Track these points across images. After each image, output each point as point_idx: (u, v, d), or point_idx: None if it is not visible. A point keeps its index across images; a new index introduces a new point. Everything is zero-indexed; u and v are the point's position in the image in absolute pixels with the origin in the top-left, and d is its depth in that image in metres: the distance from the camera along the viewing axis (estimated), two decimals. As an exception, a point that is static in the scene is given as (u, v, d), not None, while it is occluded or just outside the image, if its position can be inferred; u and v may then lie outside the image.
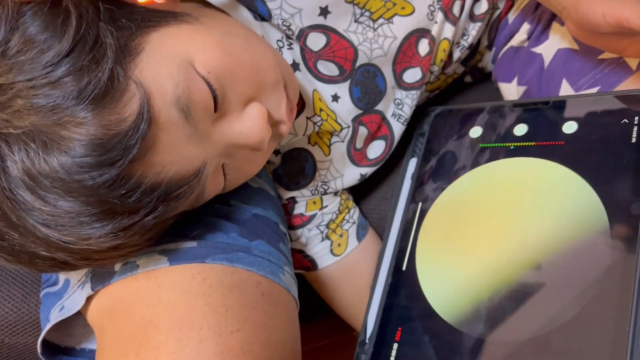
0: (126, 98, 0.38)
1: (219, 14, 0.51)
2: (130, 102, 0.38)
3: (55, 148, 0.37)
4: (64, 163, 0.37)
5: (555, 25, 0.63)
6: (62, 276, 0.52)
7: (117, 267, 0.47)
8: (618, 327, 0.41)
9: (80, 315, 0.49)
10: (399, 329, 0.51)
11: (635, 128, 0.48)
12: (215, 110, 0.44)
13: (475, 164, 0.55)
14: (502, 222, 0.50)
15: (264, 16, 0.54)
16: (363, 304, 0.58)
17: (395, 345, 0.51)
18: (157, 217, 0.41)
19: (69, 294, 0.50)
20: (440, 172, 0.57)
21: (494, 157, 0.54)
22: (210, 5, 0.53)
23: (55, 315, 0.49)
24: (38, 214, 0.38)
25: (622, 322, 0.41)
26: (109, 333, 0.46)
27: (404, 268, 0.54)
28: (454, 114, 0.61)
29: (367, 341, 0.54)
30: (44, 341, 0.50)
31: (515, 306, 0.46)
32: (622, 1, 0.46)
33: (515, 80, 0.67)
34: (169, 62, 0.41)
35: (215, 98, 0.43)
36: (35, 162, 0.37)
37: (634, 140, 0.47)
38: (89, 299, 0.48)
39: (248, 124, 0.45)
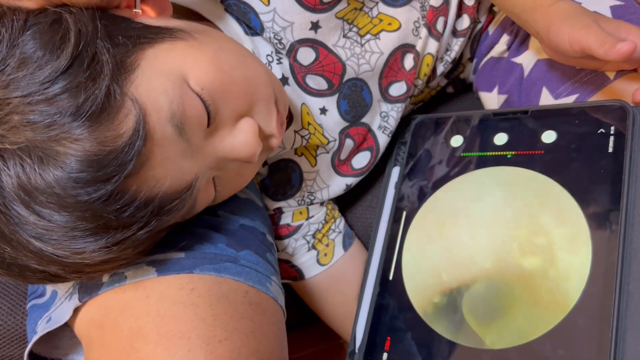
0: (122, 115, 0.39)
1: (211, 29, 0.51)
2: (126, 118, 0.39)
3: (51, 163, 0.37)
4: (59, 178, 0.37)
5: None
6: (49, 288, 0.52)
7: (105, 278, 0.47)
8: (601, 333, 0.42)
9: (67, 327, 0.49)
10: (388, 338, 0.52)
11: (612, 138, 0.49)
12: (208, 125, 0.44)
13: (457, 173, 0.56)
14: (485, 230, 0.51)
15: (256, 29, 0.54)
16: (350, 313, 0.59)
17: (385, 355, 0.51)
18: (149, 231, 0.42)
19: (56, 305, 0.49)
20: (422, 181, 0.58)
21: (475, 166, 0.55)
22: (202, 20, 0.54)
23: (42, 327, 0.49)
24: (32, 228, 0.38)
25: (605, 329, 0.42)
26: (96, 344, 0.46)
27: (390, 277, 0.55)
28: (434, 123, 0.61)
29: (356, 351, 0.54)
30: (31, 353, 0.50)
31: (502, 314, 0.47)
32: (587, 29, 0.48)
33: (495, 89, 0.68)
34: (163, 79, 0.41)
35: (208, 113, 0.44)
36: (31, 177, 0.37)
37: (610, 150, 0.48)
38: (76, 311, 0.48)
39: (240, 139, 0.46)
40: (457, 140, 0.58)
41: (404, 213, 0.58)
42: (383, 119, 0.64)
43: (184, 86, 0.42)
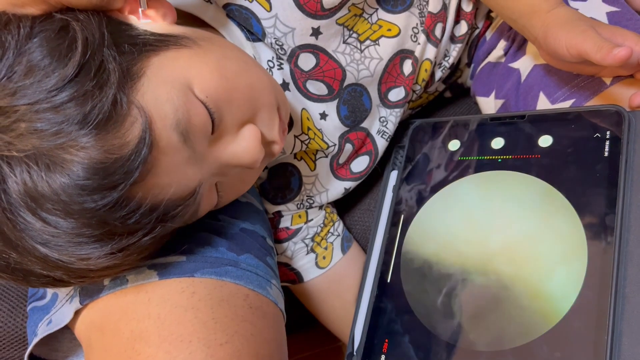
0: (128, 123, 0.39)
1: (215, 36, 0.52)
2: (132, 126, 0.39)
3: (58, 171, 0.37)
4: (65, 186, 0.37)
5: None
6: (50, 290, 0.52)
7: (106, 281, 0.47)
8: (597, 336, 0.42)
9: (67, 329, 0.49)
10: (386, 340, 0.52)
11: (608, 142, 0.49)
12: (212, 132, 0.44)
13: (454, 177, 0.56)
14: (482, 233, 0.52)
15: (257, 35, 0.54)
16: (349, 316, 0.59)
17: (383, 357, 0.51)
18: (154, 237, 0.42)
19: (57, 307, 0.50)
20: (420, 185, 0.59)
21: (472, 170, 0.55)
22: (204, 25, 0.54)
23: (42, 329, 0.49)
24: (38, 234, 0.38)
25: (601, 332, 0.42)
26: (97, 347, 0.46)
27: (389, 280, 0.55)
28: (432, 127, 0.62)
29: (354, 354, 0.54)
30: (31, 355, 0.50)
31: (499, 317, 0.47)
32: (583, 34, 0.49)
33: (493, 94, 0.69)
34: (169, 87, 0.42)
35: (212, 121, 0.44)
36: (37, 184, 0.37)
37: (606, 154, 0.49)
38: (77, 313, 0.48)
39: (243, 145, 0.46)
40: (454, 145, 0.58)
41: (402, 216, 0.58)
42: (382, 123, 0.64)
43: (189, 94, 0.43)
